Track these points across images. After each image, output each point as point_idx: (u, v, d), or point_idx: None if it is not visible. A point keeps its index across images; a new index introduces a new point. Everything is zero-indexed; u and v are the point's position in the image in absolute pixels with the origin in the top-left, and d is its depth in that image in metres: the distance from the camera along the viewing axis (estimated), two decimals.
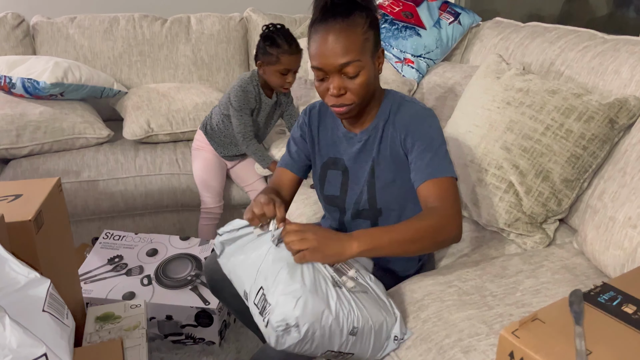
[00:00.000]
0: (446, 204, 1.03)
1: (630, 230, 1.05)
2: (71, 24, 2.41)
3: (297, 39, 2.54)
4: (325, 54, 1.03)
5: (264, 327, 0.92)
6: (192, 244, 1.84)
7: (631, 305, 0.72)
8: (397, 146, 1.14)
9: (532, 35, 1.78)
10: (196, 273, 1.69)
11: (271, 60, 1.82)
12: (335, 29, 1.02)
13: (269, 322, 0.89)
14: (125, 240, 1.84)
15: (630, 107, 1.31)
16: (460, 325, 1.01)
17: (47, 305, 0.77)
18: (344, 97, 1.07)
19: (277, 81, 1.85)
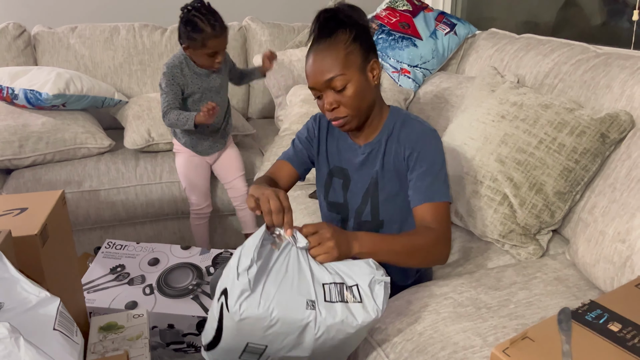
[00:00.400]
0: (441, 227, 1.11)
1: (619, 244, 1.09)
2: (72, 34, 2.44)
3: (294, 48, 2.58)
4: (312, 74, 1.13)
5: (365, 303, 0.95)
6: (193, 253, 1.87)
7: (617, 323, 0.75)
8: (400, 161, 1.19)
9: (526, 47, 1.82)
10: (197, 282, 1.72)
11: (196, 45, 1.80)
12: (319, 49, 1.12)
13: (371, 290, 0.96)
14: (127, 250, 1.87)
15: (621, 122, 1.35)
16: (455, 337, 1.04)
17: (57, 324, 0.80)
18: (338, 110, 1.13)
19: (205, 63, 1.84)
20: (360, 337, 1.00)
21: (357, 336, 0.99)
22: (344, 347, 1.01)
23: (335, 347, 0.99)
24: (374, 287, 0.97)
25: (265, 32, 2.68)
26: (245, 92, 2.72)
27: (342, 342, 0.98)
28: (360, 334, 0.99)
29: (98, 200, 2.00)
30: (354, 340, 1.00)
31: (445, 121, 1.88)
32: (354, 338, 0.99)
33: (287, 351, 0.98)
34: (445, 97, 1.96)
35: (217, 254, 1.86)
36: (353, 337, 0.98)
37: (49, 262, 1.19)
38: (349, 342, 0.99)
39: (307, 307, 0.94)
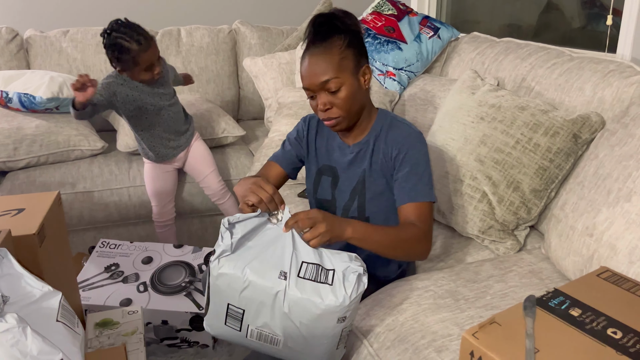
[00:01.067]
0: (424, 225, 1.19)
1: (587, 238, 1.16)
2: (64, 38, 2.48)
3: (283, 51, 2.64)
4: (308, 75, 1.18)
5: (334, 287, 1.00)
6: (186, 251, 1.92)
7: (577, 308, 0.82)
8: (387, 161, 1.25)
9: (506, 51, 1.89)
10: (190, 280, 1.78)
11: (129, 65, 1.78)
12: (314, 53, 1.17)
13: (344, 276, 1.00)
14: (121, 249, 1.92)
15: (592, 123, 1.42)
16: (434, 327, 1.10)
17: (60, 316, 0.85)
18: (331, 111, 1.20)
19: (145, 77, 1.82)
20: (328, 327, 1.01)
21: (324, 324, 1.01)
22: (313, 339, 1.04)
23: (305, 336, 1.03)
24: (348, 275, 1.01)
25: (255, 35, 2.74)
26: (236, 94, 2.78)
27: (310, 329, 1.02)
28: (327, 322, 1.01)
29: (91, 201, 2.04)
30: (321, 330, 1.02)
31: (429, 122, 1.95)
32: (321, 325, 1.01)
33: (262, 324, 1.04)
34: (429, 99, 2.03)
35: (209, 252, 1.92)
36: (320, 324, 1.01)
37: (47, 260, 1.23)
38: (317, 330, 1.02)
39: (279, 277, 1.01)
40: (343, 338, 1.07)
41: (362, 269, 1.03)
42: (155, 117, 1.92)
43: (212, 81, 2.67)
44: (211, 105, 2.41)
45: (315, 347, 1.06)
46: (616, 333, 0.76)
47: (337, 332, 1.03)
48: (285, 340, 1.05)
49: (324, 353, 1.08)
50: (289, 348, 1.06)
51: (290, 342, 1.05)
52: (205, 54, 2.65)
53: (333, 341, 1.05)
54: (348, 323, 1.04)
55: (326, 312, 0.99)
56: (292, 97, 2.25)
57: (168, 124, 1.97)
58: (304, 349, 1.06)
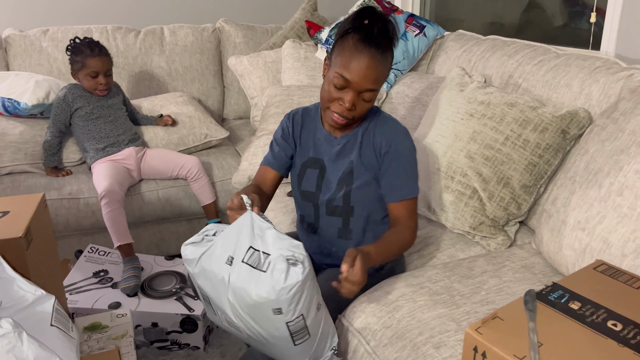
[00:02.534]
0: (413, 221, 1.27)
1: (579, 232, 1.17)
2: (44, 37, 2.43)
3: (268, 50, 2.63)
4: (359, 74, 1.15)
5: (266, 275, 0.97)
6: (177, 262, 1.90)
7: (577, 302, 0.83)
8: (375, 155, 1.27)
9: (492, 49, 1.91)
10: (181, 286, 1.75)
11: (79, 67, 2.02)
12: (375, 57, 1.15)
13: (275, 265, 0.98)
14: (111, 257, 1.88)
15: (580, 118, 1.44)
16: (431, 323, 1.11)
17: (54, 320, 0.83)
18: (351, 112, 1.20)
19: (89, 84, 2.04)
20: (269, 318, 0.99)
21: (263, 314, 0.99)
22: (263, 329, 1.02)
23: (256, 327, 1.02)
24: (280, 264, 0.97)
25: (239, 34, 2.72)
26: (221, 93, 2.76)
27: (255, 319, 1.01)
28: (264, 313, 0.99)
29: (78, 208, 2.00)
30: (265, 321, 1.00)
31: (416, 120, 1.95)
32: (262, 316, 0.99)
33: (223, 311, 1.05)
34: (417, 97, 2.03)
35: None
36: (259, 314, 0.99)
37: (34, 263, 1.21)
38: (262, 322, 1.01)
39: (226, 262, 1.01)
40: (296, 333, 1.02)
41: (301, 256, 0.99)
42: (87, 122, 2.08)
43: (196, 80, 2.65)
44: (192, 110, 2.37)
45: (272, 338, 1.03)
46: (616, 325, 0.77)
47: (281, 326, 1.00)
48: (245, 327, 1.04)
49: (289, 351, 1.05)
50: (255, 336, 1.06)
51: (249, 330, 1.05)
52: (190, 53, 2.62)
53: (283, 334, 1.01)
54: (291, 317, 0.99)
55: (258, 302, 0.97)
56: (279, 95, 2.24)
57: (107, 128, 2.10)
58: (267, 340, 1.05)
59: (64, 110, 2.05)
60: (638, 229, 1.06)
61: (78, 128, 2.08)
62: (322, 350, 1.10)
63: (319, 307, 1.05)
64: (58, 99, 2.05)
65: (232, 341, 1.77)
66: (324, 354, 1.10)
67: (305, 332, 1.03)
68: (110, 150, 2.07)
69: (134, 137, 2.15)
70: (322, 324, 1.07)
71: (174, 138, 2.26)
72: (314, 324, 1.04)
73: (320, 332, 1.07)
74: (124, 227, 1.90)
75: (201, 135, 2.31)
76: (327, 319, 1.09)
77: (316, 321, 1.04)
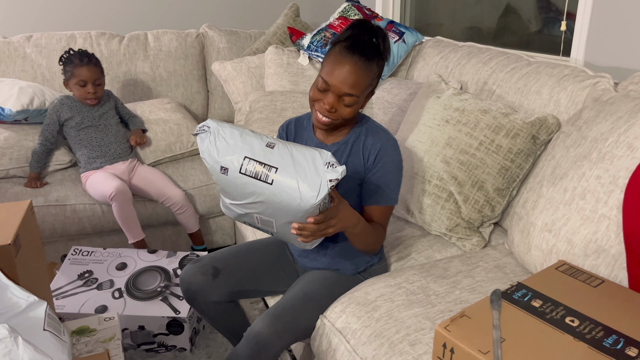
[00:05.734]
0: (384, 227, 1.34)
1: (546, 234, 1.24)
2: (28, 43, 2.44)
3: (251, 55, 2.67)
4: (338, 77, 1.22)
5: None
6: (160, 256, 1.94)
7: (538, 300, 0.89)
8: (362, 164, 1.33)
9: (468, 56, 1.98)
10: (165, 284, 1.79)
11: (69, 77, 2.08)
12: (356, 64, 1.21)
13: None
14: (94, 256, 1.92)
15: (549, 124, 1.51)
16: (408, 322, 1.17)
17: (47, 325, 0.87)
18: (332, 114, 1.26)
19: (78, 94, 2.09)
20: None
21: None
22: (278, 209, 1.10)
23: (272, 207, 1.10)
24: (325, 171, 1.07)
25: (223, 39, 2.76)
26: (205, 98, 2.79)
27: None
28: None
29: (64, 214, 2.02)
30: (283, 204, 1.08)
31: (396, 125, 2.02)
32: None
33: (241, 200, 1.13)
34: (396, 103, 2.09)
35: (183, 257, 1.94)
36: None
37: (23, 270, 1.24)
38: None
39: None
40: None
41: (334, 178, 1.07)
42: (76, 132, 2.12)
43: (181, 85, 2.68)
44: (180, 117, 2.40)
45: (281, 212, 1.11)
46: (574, 321, 0.83)
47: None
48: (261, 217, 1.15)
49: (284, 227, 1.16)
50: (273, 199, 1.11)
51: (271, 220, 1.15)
52: (174, 59, 2.65)
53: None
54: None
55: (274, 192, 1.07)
56: (262, 101, 2.28)
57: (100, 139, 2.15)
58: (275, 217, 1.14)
59: (53, 121, 2.10)
60: (599, 231, 1.13)
61: (70, 137, 2.13)
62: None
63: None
64: (48, 110, 2.10)
65: (218, 342, 1.81)
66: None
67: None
68: (103, 163, 2.10)
69: (126, 149, 2.19)
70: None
71: (161, 145, 2.29)
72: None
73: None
74: (136, 224, 2.02)
75: (188, 143, 2.34)
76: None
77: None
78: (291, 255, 1.50)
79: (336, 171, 1.05)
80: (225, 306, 1.42)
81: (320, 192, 1.04)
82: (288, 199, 1.05)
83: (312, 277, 1.38)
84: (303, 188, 1.04)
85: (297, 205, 1.05)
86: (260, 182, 1.07)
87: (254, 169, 1.06)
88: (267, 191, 1.07)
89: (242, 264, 1.42)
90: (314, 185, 1.04)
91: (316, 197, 1.03)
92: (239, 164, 1.07)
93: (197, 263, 1.38)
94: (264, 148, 1.08)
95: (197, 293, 1.36)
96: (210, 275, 1.36)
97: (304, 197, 1.04)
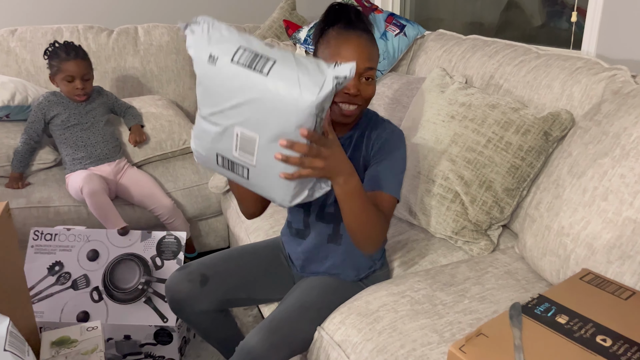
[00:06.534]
0: (387, 218, 1.14)
1: (564, 238, 1.14)
2: (12, 37, 2.33)
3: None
4: (353, 55, 1.11)
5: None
6: (134, 239, 1.72)
7: (564, 315, 0.79)
8: (367, 158, 1.22)
9: (473, 49, 1.88)
10: (146, 280, 1.64)
11: (55, 72, 1.98)
12: (362, 37, 1.14)
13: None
14: (59, 240, 1.71)
15: (562, 120, 1.41)
16: (413, 335, 1.07)
17: (8, 344, 0.77)
18: (357, 98, 1.15)
19: (66, 89, 1.99)
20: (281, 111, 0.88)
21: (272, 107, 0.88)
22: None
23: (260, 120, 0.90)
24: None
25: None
26: None
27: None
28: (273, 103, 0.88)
29: (47, 217, 1.91)
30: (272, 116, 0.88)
31: (397, 121, 1.92)
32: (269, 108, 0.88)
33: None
34: (397, 98, 1.99)
35: (160, 239, 1.72)
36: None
37: None
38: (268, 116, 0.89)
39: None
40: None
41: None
42: (62, 131, 2.02)
43: (172, 81, 2.58)
44: (172, 114, 2.30)
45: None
46: (605, 340, 0.73)
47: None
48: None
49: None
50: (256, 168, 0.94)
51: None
52: (165, 53, 2.54)
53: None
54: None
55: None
56: None
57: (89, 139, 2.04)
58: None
59: (38, 119, 1.98)
60: (623, 235, 1.03)
61: (55, 136, 2.02)
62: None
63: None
64: (33, 107, 1.99)
65: (209, 352, 1.71)
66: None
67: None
68: (87, 165, 2.00)
69: (113, 149, 2.07)
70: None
71: (151, 143, 2.19)
72: None
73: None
74: (114, 212, 1.88)
75: (180, 140, 2.24)
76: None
77: None
78: (287, 259, 1.40)
79: (343, 69, 0.86)
80: (215, 316, 1.32)
81: (323, 88, 0.84)
82: (284, 94, 0.86)
83: (309, 284, 1.28)
84: (303, 80, 0.85)
85: (294, 102, 0.85)
86: (254, 72, 0.87)
87: (249, 58, 0.88)
88: (260, 85, 0.87)
89: (233, 270, 1.32)
90: (316, 80, 0.85)
91: (317, 93, 0.84)
92: (231, 53, 0.89)
93: (184, 270, 1.27)
94: (263, 45, 0.91)
95: (184, 302, 1.25)
96: (198, 282, 1.26)
97: (304, 92, 0.84)
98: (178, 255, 1.68)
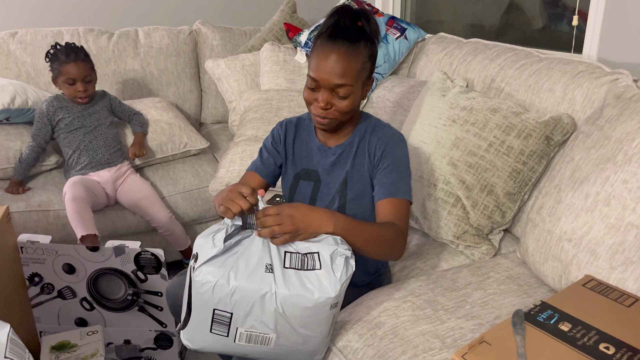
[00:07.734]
0: (401, 223, 1.14)
1: (566, 243, 1.14)
2: (12, 40, 2.33)
3: (246, 52, 2.56)
4: (324, 70, 1.12)
5: (323, 272, 0.97)
6: (107, 255, 1.56)
7: (567, 322, 0.79)
8: (370, 163, 1.23)
9: (474, 52, 1.87)
10: (134, 291, 1.57)
11: (56, 75, 1.96)
12: (340, 50, 1.11)
13: (332, 260, 0.98)
14: (27, 253, 1.54)
15: (564, 124, 1.41)
16: (415, 341, 1.06)
17: (8, 351, 0.76)
18: (329, 111, 1.16)
19: (68, 92, 1.96)
20: (322, 316, 0.99)
21: (317, 313, 0.98)
22: (306, 330, 1.00)
23: (298, 330, 0.99)
24: (335, 258, 0.98)
25: (217, 36, 2.65)
26: (198, 97, 2.68)
27: (303, 321, 0.98)
28: (321, 312, 0.98)
29: (47, 220, 1.90)
30: (315, 318, 0.99)
31: (398, 125, 1.91)
32: (315, 315, 0.98)
33: (252, 325, 0.99)
34: (398, 101, 1.99)
35: (136, 254, 1.55)
36: (313, 314, 0.97)
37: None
38: (311, 320, 0.99)
39: (266, 270, 0.97)
40: (333, 323, 1.04)
41: (349, 252, 1.00)
42: (67, 134, 2.00)
43: (172, 84, 2.57)
44: (172, 117, 2.29)
45: (309, 338, 1.02)
46: (609, 348, 0.73)
47: (330, 318, 1.01)
48: (278, 337, 1.00)
49: (316, 345, 1.04)
50: (280, 346, 1.01)
51: (283, 338, 1.00)
52: (165, 56, 2.54)
53: (325, 329, 1.02)
54: (339, 307, 1.02)
55: (318, 304, 0.96)
56: (257, 100, 2.18)
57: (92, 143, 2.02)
58: (295, 345, 1.02)
59: (45, 125, 1.96)
60: (626, 241, 1.03)
61: (60, 140, 2.00)
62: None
63: None
64: (38, 114, 1.96)
65: (210, 357, 1.70)
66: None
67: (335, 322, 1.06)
68: (87, 170, 1.98)
69: (115, 154, 2.05)
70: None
71: (152, 145, 2.18)
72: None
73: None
74: (89, 217, 1.83)
75: (180, 144, 2.23)
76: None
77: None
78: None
79: None
80: None
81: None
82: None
83: None
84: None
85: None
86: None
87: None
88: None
89: None
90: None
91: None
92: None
93: (184, 274, 1.27)
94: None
95: None
96: None
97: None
98: (160, 271, 1.59)
